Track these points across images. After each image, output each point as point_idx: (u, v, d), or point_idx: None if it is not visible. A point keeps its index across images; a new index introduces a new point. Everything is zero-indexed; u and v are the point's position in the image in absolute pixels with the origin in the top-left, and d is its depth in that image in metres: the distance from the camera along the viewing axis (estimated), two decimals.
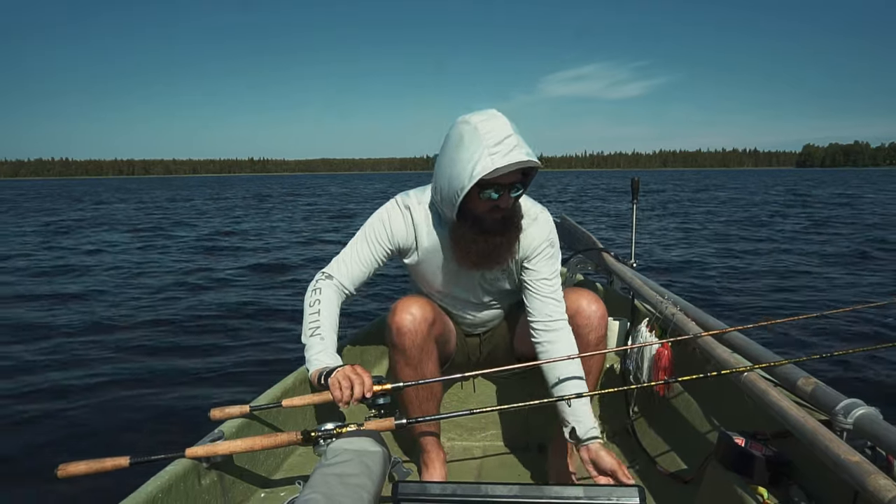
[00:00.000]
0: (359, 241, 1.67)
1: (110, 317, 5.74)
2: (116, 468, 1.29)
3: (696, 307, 1.92)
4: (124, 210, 23.63)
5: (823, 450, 1.04)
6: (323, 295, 1.60)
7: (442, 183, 1.50)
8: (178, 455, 1.34)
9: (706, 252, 9.28)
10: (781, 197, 25.47)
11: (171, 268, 8.86)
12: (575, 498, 0.90)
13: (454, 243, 1.59)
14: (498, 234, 1.53)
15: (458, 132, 1.44)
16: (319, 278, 1.64)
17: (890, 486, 0.89)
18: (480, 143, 1.39)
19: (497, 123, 1.41)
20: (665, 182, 54.02)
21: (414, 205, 1.65)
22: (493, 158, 1.37)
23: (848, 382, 3.47)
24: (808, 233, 12.07)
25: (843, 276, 7.11)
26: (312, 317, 1.56)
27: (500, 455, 2.00)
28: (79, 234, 14.06)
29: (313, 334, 1.53)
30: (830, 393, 1.22)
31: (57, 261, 9.67)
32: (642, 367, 1.86)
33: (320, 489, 0.96)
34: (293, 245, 11.65)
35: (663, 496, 1.63)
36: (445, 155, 1.48)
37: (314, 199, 32.31)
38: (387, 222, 1.65)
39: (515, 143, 1.40)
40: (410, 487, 0.97)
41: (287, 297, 6.53)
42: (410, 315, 1.61)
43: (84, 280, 7.90)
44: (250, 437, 1.35)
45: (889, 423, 1.08)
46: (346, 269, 1.65)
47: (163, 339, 4.89)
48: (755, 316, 5.22)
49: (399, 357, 1.64)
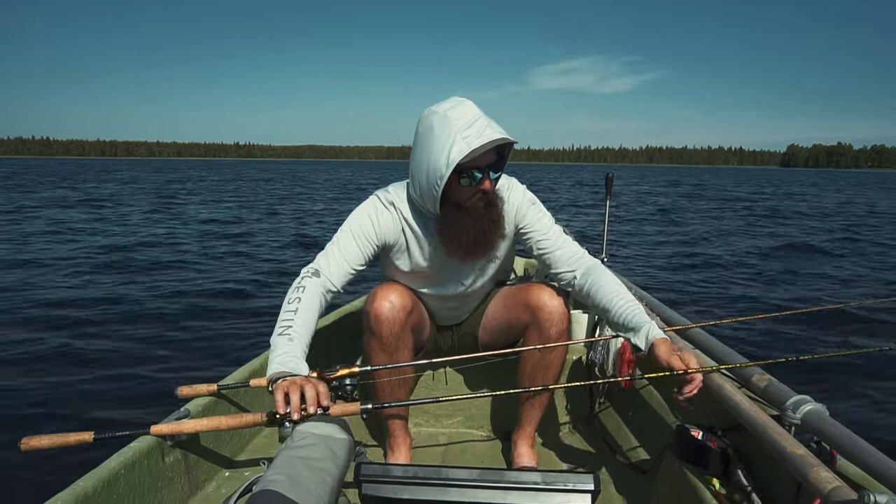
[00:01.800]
0: (345, 238, 1.61)
1: (81, 288, 5.65)
2: (80, 443, 1.28)
3: (661, 303, 1.97)
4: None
5: (772, 443, 1.09)
6: (305, 294, 1.50)
7: (420, 177, 1.49)
8: (142, 432, 1.33)
9: (677, 249, 9.46)
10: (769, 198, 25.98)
11: (151, 242, 8.76)
12: (532, 483, 0.93)
13: (442, 236, 1.58)
14: (484, 219, 1.54)
15: (428, 123, 1.45)
16: (305, 275, 1.55)
17: (830, 478, 0.94)
18: (451, 129, 1.40)
19: (465, 108, 1.43)
20: (646, 179, 54.67)
21: (397, 200, 1.63)
22: (467, 141, 1.39)
23: (801, 379, 3.60)
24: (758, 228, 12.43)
25: (806, 276, 7.31)
26: (287, 315, 1.45)
27: (466, 442, 2.03)
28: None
29: (282, 333, 1.41)
30: (782, 389, 1.27)
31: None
32: (607, 360, 1.90)
33: (284, 470, 0.97)
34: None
35: (621, 486, 1.68)
36: (418, 148, 1.48)
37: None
38: (374, 218, 1.62)
39: (486, 123, 1.42)
40: (373, 469, 0.99)
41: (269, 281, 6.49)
42: (389, 303, 1.61)
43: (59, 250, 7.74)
44: (216, 417, 1.34)
45: (834, 420, 1.13)
46: (335, 266, 1.58)
47: (133, 315, 4.83)
48: (718, 313, 5.37)
49: (375, 343, 1.64)
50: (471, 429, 2.09)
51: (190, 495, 1.44)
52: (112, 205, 16.00)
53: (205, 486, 1.50)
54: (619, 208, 17.27)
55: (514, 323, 1.75)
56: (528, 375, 1.73)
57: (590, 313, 2.29)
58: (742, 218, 15.26)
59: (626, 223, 13.50)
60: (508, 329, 1.79)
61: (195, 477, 1.47)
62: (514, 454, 1.81)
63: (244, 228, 11.20)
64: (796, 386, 1.29)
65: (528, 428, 1.80)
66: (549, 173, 56.44)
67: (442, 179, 1.42)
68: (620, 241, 9.99)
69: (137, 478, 1.27)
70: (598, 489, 0.93)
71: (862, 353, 1.80)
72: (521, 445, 1.80)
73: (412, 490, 0.95)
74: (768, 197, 25.45)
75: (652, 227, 12.84)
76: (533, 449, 1.81)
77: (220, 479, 1.55)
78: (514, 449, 1.82)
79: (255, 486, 0.95)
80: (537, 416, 1.80)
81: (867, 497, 0.83)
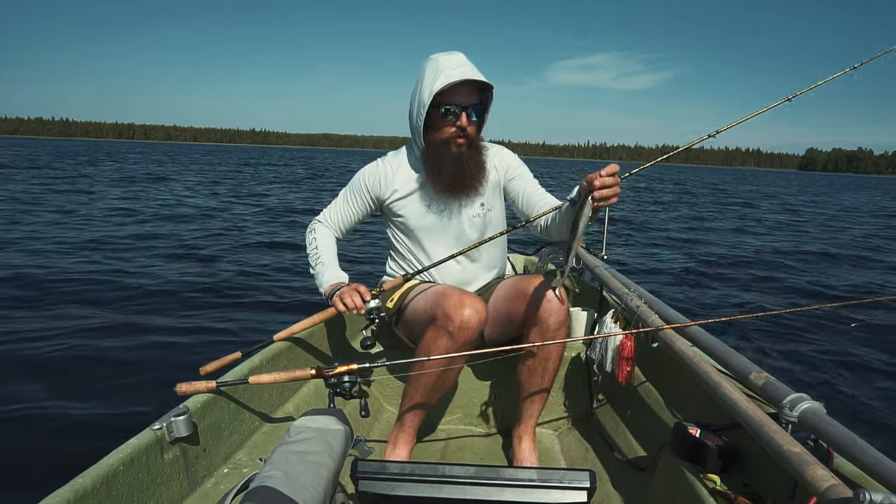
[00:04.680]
0: (343, 193, 1.99)
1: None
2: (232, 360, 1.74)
3: (660, 300, 1.96)
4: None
5: (769, 441, 1.08)
6: (318, 234, 1.95)
7: (412, 111, 1.77)
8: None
9: (680, 248, 9.45)
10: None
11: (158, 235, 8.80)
12: (528, 480, 0.93)
13: (427, 167, 1.80)
14: (465, 157, 1.76)
15: (423, 67, 1.74)
16: (313, 223, 2.00)
17: (826, 476, 0.94)
18: (438, 67, 1.68)
19: (455, 55, 1.72)
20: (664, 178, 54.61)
21: (390, 156, 1.95)
22: (447, 75, 1.65)
23: (800, 378, 3.61)
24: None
25: (808, 275, 7.30)
26: (312, 251, 1.91)
27: (464, 438, 2.03)
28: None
29: (317, 264, 1.87)
30: (780, 387, 1.27)
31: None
32: (606, 357, 1.90)
33: (280, 466, 0.97)
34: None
35: (619, 482, 1.68)
36: (414, 88, 1.75)
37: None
38: (364, 174, 1.94)
39: (469, 67, 1.68)
40: (369, 466, 0.99)
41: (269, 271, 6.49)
42: (476, 312, 1.60)
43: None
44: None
45: (831, 418, 1.13)
46: (334, 216, 1.99)
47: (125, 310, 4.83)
48: (718, 311, 5.37)
49: (448, 344, 1.60)
50: (469, 425, 2.09)
51: (189, 492, 1.45)
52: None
53: (203, 482, 1.50)
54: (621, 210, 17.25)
55: (513, 314, 1.77)
56: (528, 368, 1.74)
57: (589, 311, 2.29)
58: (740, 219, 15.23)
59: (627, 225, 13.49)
60: (508, 321, 1.80)
61: (194, 473, 1.48)
62: (514, 450, 1.82)
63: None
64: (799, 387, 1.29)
65: (527, 424, 1.80)
66: (561, 170, 56.23)
67: (424, 107, 1.68)
68: (616, 242, 10.01)
69: (136, 474, 1.27)
70: (594, 486, 0.93)
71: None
72: (521, 441, 1.81)
73: (409, 487, 0.95)
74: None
75: (655, 230, 12.81)
76: (533, 445, 1.82)
77: (218, 476, 1.55)
78: (513, 445, 1.83)
79: (252, 482, 0.96)
80: (537, 412, 1.80)
81: (863, 495, 0.83)
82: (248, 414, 1.71)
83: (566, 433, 2.05)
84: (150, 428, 1.37)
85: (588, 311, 2.29)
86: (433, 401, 1.72)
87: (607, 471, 1.74)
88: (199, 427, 1.49)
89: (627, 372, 1.76)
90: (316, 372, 1.49)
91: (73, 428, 2.76)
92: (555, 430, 2.08)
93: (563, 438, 2.02)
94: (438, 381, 1.65)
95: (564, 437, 2.03)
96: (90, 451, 1.31)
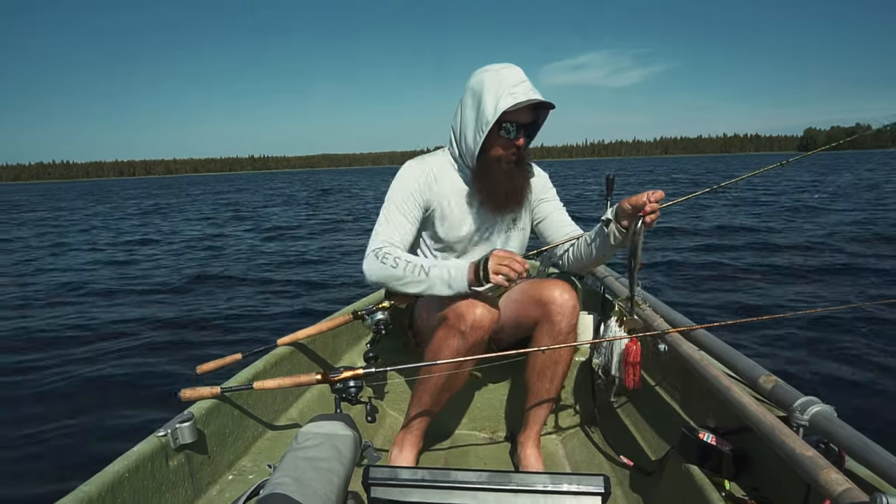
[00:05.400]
0: (394, 207, 1.72)
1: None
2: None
3: (665, 304, 1.96)
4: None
5: (780, 445, 1.08)
6: (393, 251, 1.62)
7: (465, 127, 1.69)
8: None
9: (683, 249, 9.44)
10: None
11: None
12: (541, 485, 0.93)
13: (478, 184, 1.73)
14: (515, 174, 1.72)
15: (479, 79, 1.65)
16: (377, 251, 1.62)
17: (840, 479, 0.93)
18: (502, 83, 1.60)
19: (514, 70, 1.65)
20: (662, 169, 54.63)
21: (428, 160, 1.79)
22: (514, 95, 1.58)
23: (807, 381, 3.60)
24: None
25: (815, 277, 7.30)
26: (407, 266, 1.58)
27: (471, 444, 2.02)
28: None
29: (424, 270, 1.58)
30: (789, 391, 1.27)
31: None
32: (611, 361, 1.90)
33: (291, 473, 0.96)
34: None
35: (627, 487, 1.67)
36: (467, 100, 1.67)
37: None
38: (410, 178, 1.75)
39: (531, 86, 1.62)
40: (381, 472, 0.98)
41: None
42: (489, 312, 1.59)
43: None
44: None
45: (842, 421, 1.12)
46: (395, 233, 1.68)
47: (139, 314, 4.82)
48: (724, 314, 5.36)
49: (458, 344, 1.58)
50: (474, 429, 2.08)
51: (193, 499, 1.44)
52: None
53: (208, 489, 1.49)
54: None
55: (523, 319, 1.76)
56: (538, 371, 1.74)
57: (593, 314, 2.29)
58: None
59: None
60: (517, 324, 1.79)
61: (199, 480, 1.47)
62: (521, 456, 1.81)
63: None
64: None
65: (534, 429, 1.79)
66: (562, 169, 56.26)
67: (488, 125, 1.60)
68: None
69: (141, 482, 1.26)
70: (608, 491, 0.92)
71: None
72: (528, 447, 1.80)
73: (421, 493, 0.94)
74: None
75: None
76: (539, 450, 1.81)
77: (223, 483, 1.54)
78: (520, 450, 1.82)
79: (262, 489, 0.95)
80: (543, 416, 1.80)
81: (880, 499, 0.82)
82: (252, 420, 1.71)
83: (570, 438, 2.04)
84: (155, 434, 1.36)
85: (592, 314, 2.28)
86: (443, 402, 1.70)
87: (615, 475, 1.74)
88: (204, 433, 1.48)
89: (634, 376, 1.76)
90: (321, 377, 1.48)
91: None
92: (559, 434, 2.07)
93: (567, 443, 2.01)
94: (448, 382, 1.64)
95: (569, 441, 2.02)
96: (95, 459, 1.29)
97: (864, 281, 6.98)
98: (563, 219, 1.89)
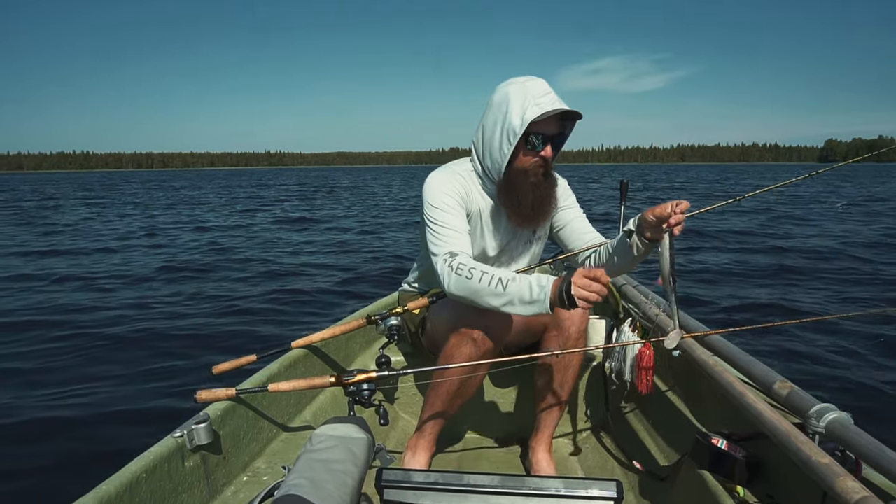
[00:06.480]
0: (448, 215, 1.63)
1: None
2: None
3: (679, 309, 1.95)
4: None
5: (796, 452, 1.07)
6: (464, 259, 1.52)
7: (491, 139, 1.64)
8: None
9: (701, 252, 9.36)
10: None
11: None
12: (554, 490, 0.93)
13: (503, 198, 1.69)
14: (542, 186, 1.67)
15: (504, 91, 1.62)
16: (451, 261, 1.52)
17: (857, 488, 0.93)
18: (527, 94, 1.57)
19: (539, 81, 1.62)
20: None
21: (457, 171, 1.73)
22: (540, 105, 1.55)
23: (823, 387, 3.56)
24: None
25: (832, 281, 7.22)
26: (483, 277, 1.45)
27: (483, 448, 2.02)
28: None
29: (502, 283, 1.43)
30: (805, 397, 1.26)
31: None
32: (624, 366, 1.89)
33: (306, 474, 0.97)
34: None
35: (640, 493, 1.66)
36: (492, 113, 1.63)
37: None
38: (447, 184, 1.68)
39: (557, 96, 1.59)
40: (394, 475, 0.99)
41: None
42: (501, 319, 1.59)
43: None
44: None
45: (859, 428, 1.11)
46: (460, 241, 1.60)
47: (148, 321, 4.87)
48: (738, 319, 5.30)
49: (471, 351, 1.58)
50: (486, 433, 2.08)
51: (209, 500, 1.45)
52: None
53: (223, 490, 1.51)
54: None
55: (532, 323, 1.76)
56: (548, 376, 1.74)
57: (606, 319, 2.28)
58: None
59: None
60: (527, 329, 1.79)
61: (214, 482, 1.48)
62: (532, 460, 1.81)
63: None
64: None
65: (545, 433, 1.79)
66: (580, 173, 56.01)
67: (515, 137, 1.57)
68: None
69: (158, 482, 1.28)
70: (621, 496, 0.92)
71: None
72: (539, 451, 1.80)
73: (433, 496, 0.95)
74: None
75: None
76: (551, 455, 1.81)
77: (238, 484, 1.56)
78: (531, 455, 1.81)
79: (278, 490, 0.96)
80: (555, 421, 1.79)
81: None
82: (266, 422, 1.72)
83: (583, 442, 2.04)
84: (172, 435, 1.37)
85: (605, 319, 2.28)
86: (455, 408, 1.71)
87: (626, 480, 1.73)
88: (219, 434, 1.49)
89: (647, 381, 1.76)
90: (335, 380, 1.49)
91: None
92: (571, 439, 2.07)
93: (579, 448, 2.01)
94: (461, 388, 1.65)
95: (581, 446, 2.01)
96: (109, 460, 1.31)
97: (882, 287, 6.89)
98: (584, 226, 1.84)
